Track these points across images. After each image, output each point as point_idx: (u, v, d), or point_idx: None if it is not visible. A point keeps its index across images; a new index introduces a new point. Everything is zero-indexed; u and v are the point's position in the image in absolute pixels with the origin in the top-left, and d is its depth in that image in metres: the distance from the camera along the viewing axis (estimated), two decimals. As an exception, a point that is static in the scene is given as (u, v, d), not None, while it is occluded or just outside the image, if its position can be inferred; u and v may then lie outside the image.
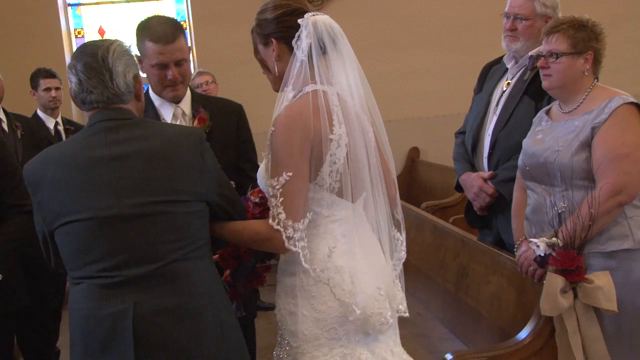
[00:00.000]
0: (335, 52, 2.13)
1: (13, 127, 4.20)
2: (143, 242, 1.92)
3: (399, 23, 7.12)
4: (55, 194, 1.96)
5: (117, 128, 1.98)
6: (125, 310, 1.90)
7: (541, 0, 3.18)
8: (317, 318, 2.07)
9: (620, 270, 2.50)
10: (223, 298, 2.07)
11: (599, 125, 2.54)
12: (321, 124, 2.04)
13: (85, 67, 1.98)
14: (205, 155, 2.03)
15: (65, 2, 7.20)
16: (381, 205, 2.17)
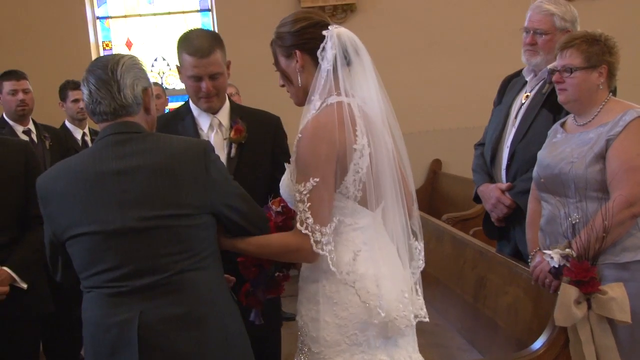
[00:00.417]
0: (359, 64, 2.18)
1: (42, 137, 4.32)
2: (147, 254, 1.98)
3: (421, 35, 7.15)
4: (64, 207, 2.03)
5: (124, 142, 2.04)
6: (132, 319, 1.97)
7: (560, 15, 3.21)
8: (339, 324, 2.12)
9: (634, 282, 2.52)
10: (229, 307, 2.11)
11: (613, 138, 2.57)
12: (345, 135, 2.09)
13: (96, 79, 2.05)
14: (210, 168, 2.05)
15: (94, 15, 7.36)
16: (400, 215, 2.21)
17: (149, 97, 2.13)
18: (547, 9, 3.22)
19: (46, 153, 4.26)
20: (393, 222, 2.21)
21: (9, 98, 4.32)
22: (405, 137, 6.99)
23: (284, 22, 2.24)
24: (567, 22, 3.21)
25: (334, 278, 2.11)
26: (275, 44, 2.25)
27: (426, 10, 7.13)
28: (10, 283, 2.91)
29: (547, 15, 3.22)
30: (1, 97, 4.36)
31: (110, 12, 7.44)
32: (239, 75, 6.56)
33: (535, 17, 3.25)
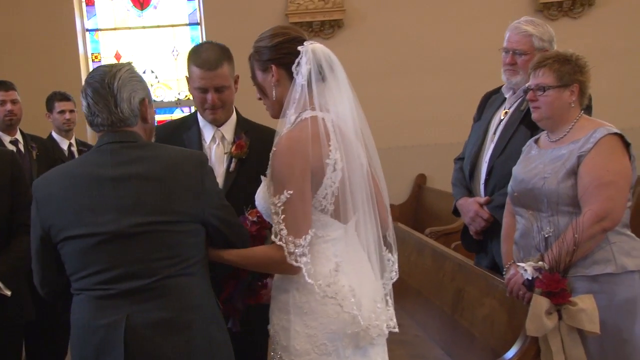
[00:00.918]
0: (333, 79, 2.23)
1: (29, 148, 4.35)
2: (137, 258, 2.03)
3: (407, 51, 7.25)
4: (59, 209, 2.08)
5: (122, 150, 2.10)
6: (118, 322, 2.01)
7: (538, 35, 3.29)
8: (309, 334, 2.16)
9: (604, 294, 2.59)
10: (214, 314, 2.15)
11: (584, 154, 2.66)
12: (319, 149, 2.15)
13: (93, 92, 2.11)
14: (204, 179, 2.12)
15: (84, 27, 7.43)
16: (372, 227, 2.26)
17: (146, 107, 2.18)
18: (526, 30, 3.31)
19: (33, 163, 4.30)
20: (365, 234, 2.26)
21: (-3, 108, 4.35)
22: (391, 152, 7.16)
23: (262, 36, 2.29)
24: (545, 42, 3.30)
25: (305, 288, 2.15)
26: (253, 57, 2.30)
27: (412, 27, 7.24)
28: (-6, 290, 2.94)
29: (526, 36, 3.30)
30: (-12, 108, 4.39)
31: (99, 25, 7.52)
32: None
33: (514, 37, 3.34)
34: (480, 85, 3.79)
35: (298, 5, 7.12)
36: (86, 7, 7.46)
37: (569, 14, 7.27)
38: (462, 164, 3.60)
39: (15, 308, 3.06)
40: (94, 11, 7.49)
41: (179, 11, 7.56)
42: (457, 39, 7.22)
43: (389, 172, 2.80)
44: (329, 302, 2.15)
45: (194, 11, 7.53)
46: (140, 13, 7.53)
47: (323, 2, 7.14)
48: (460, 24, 7.23)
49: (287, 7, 7.10)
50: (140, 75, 2.21)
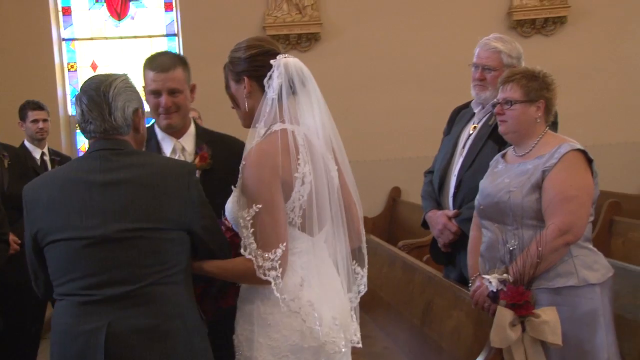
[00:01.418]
0: (304, 94, 2.25)
1: (1, 156, 4.32)
2: (123, 264, 2.04)
3: (383, 64, 7.32)
4: (47, 212, 2.10)
5: (112, 157, 2.12)
6: (100, 328, 2.01)
7: (507, 52, 3.36)
8: (271, 346, 2.17)
9: (566, 306, 2.64)
10: (196, 324, 2.15)
11: (549, 169, 2.72)
12: (288, 162, 2.16)
13: (88, 100, 2.13)
14: (191, 188, 2.14)
15: (60, 37, 7.41)
16: (340, 241, 2.28)
17: (139, 118, 2.21)
18: (495, 47, 3.37)
19: (4, 172, 4.26)
20: (334, 247, 2.29)
21: (-31, 117, 4.34)
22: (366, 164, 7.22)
23: (238, 47, 2.31)
24: (513, 58, 3.37)
25: (269, 300, 2.16)
26: (227, 67, 2.33)
27: (387, 42, 7.33)
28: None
29: (495, 52, 3.36)
30: (-39, 116, 4.37)
31: (76, 34, 7.50)
32: (203, 100, 6.63)
33: (483, 54, 3.40)
34: (455, 99, 3.84)
35: (275, 18, 7.17)
36: (63, 17, 7.44)
37: (541, 32, 7.41)
38: (432, 177, 3.65)
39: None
40: (71, 20, 7.47)
41: (157, 22, 7.57)
42: (431, 54, 7.31)
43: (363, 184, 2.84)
44: (293, 316, 2.17)
45: (171, 22, 7.54)
46: (117, 23, 7.53)
47: (300, 15, 7.21)
48: (434, 40, 7.33)
49: (264, 20, 7.15)
50: (135, 86, 2.23)
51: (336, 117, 6.33)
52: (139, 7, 7.57)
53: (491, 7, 7.40)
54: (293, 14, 7.21)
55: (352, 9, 7.33)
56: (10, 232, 3.54)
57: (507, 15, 7.39)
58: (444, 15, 7.37)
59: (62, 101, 7.38)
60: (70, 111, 7.49)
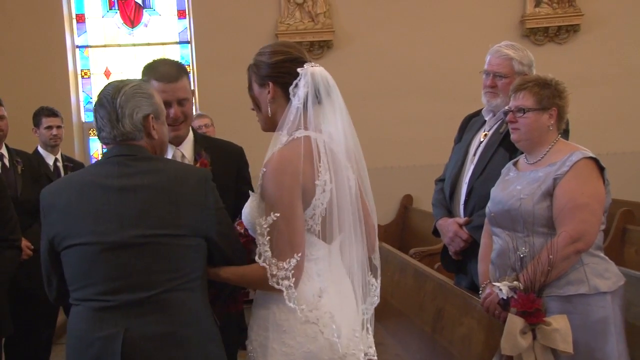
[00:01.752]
0: (329, 103, 2.24)
1: (14, 162, 4.36)
2: (139, 270, 2.04)
3: (396, 72, 7.34)
4: (64, 217, 2.11)
5: (128, 162, 2.13)
6: (116, 335, 2.01)
7: (518, 59, 3.36)
8: (286, 352, 2.16)
9: (577, 314, 2.63)
10: (211, 331, 2.15)
11: (560, 177, 2.71)
12: (311, 169, 2.16)
13: (100, 107, 2.16)
14: (208, 194, 2.15)
15: (74, 44, 7.47)
16: (358, 250, 2.28)
17: (150, 123, 2.19)
18: (506, 54, 3.37)
19: (17, 178, 4.30)
20: (350, 256, 2.27)
21: (-16, 124, 4.36)
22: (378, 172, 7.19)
23: (264, 50, 2.30)
24: (524, 66, 3.36)
25: (285, 306, 2.14)
26: (251, 69, 2.31)
27: (400, 50, 7.34)
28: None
29: (507, 59, 3.36)
30: (-25, 122, 4.40)
31: (90, 41, 7.56)
32: (215, 107, 6.71)
33: (495, 60, 3.40)
34: (467, 107, 3.84)
35: (288, 26, 7.20)
36: (77, 24, 7.51)
37: (554, 40, 7.40)
38: (443, 185, 3.65)
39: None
40: (85, 28, 7.54)
41: (170, 29, 7.62)
42: (444, 62, 7.31)
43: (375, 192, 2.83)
44: (310, 326, 2.15)
45: (184, 29, 7.59)
46: (130, 31, 7.59)
47: (313, 23, 7.24)
48: (447, 48, 7.33)
49: (277, 27, 7.18)
50: (149, 92, 2.23)
51: (352, 125, 6.11)
52: (152, 14, 7.63)
53: (504, 15, 7.39)
54: (306, 22, 7.24)
55: (365, 17, 7.35)
56: (23, 238, 3.56)
57: (520, 23, 7.39)
58: (457, 23, 7.38)
59: (76, 108, 7.44)
60: (83, 118, 7.55)
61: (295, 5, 7.24)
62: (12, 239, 3.12)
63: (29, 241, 3.99)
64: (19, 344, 4.03)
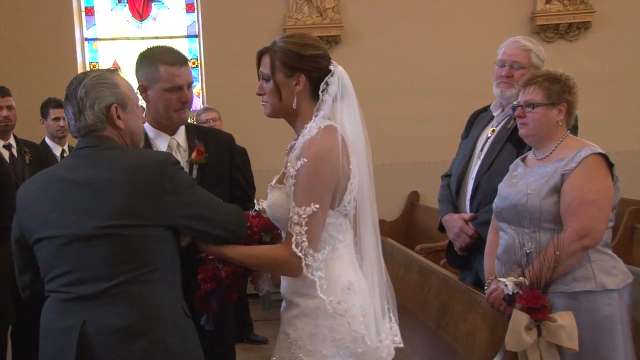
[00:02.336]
0: (347, 100, 2.29)
1: (22, 152, 4.38)
2: (97, 262, 2.04)
3: (403, 68, 7.31)
4: (31, 212, 2.14)
5: (89, 154, 2.13)
6: (74, 326, 2.02)
7: (536, 52, 3.34)
8: (335, 338, 2.19)
9: (583, 311, 2.62)
10: (175, 324, 2.11)
11: (568, 173, 2.69)
12: (347, 154, 2.22)
13: (66, 101, 2.18)
14: (164, 181, 2.08)
15: (83, 37, 7.48)
16: (374, 237, 2.34)
17: (113, 114, 2.16)
18: (525, 45, 3.35)
19: (25, 168, 4.32)
20: (367, 244, 2.32)
21: (-7, 114, 4.38)
22: (384, 169, 7.20)
23: (294, 40, 2.29)
24: (540, 60, 3.34)
25: (333, 296, 2.18)
26: (277, 55, 2.27)
27: (408, 46, 7.31)
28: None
29: (525, 50, 3.34)
30: (-16, 112, 4.42)
31: (98, 34, 7.56)
32: (222, 101, 6.71)
33: (513, 50, 3.36)
34: (474, 104, 3.83)
35: (296, 21, 7.18)
36: (85, 17, 7.51)
37: (565, 37, 7.35)
38: (449, 180, 3.63)
39: (0, 310, 3.08)
40: (94, 21, 7.54)
41: (178, 23, 7.61)
42: (453, 59, 7.28)
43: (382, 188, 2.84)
44: (338, 319, 2.18)
45: (192, 23, 7.58)
46: (139, 24, 7.59)
47: (321, 18, 7.22)
48: (455, 44, 7.30)
49: (285, 22, 7.17)
50: (113, 81, 2.19)
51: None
52: (160, 8, 7.63)
53: (513, 11, 7.35)
54: (314, 17, 7.22)
55: (373, 13, 7.33)
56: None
57: (530, 19, 7.34)
58: (466, 20, 7.35)
59: (84, 100, 7.43)
60: (91, 110, 7.54)
61: (303, 0, 7.22)
62: None
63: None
64: (25, 333, 4.04)
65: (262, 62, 2.32)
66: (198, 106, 7.00)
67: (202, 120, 5.39)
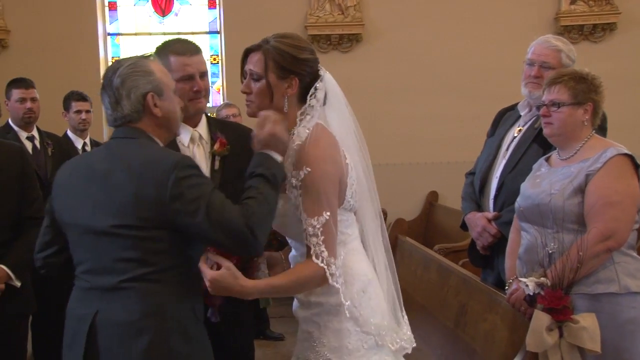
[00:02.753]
0: (334, 104, 2.27)
1: (45, 144, 4.42)
2: (108, 257, 2.03)
3: (424, 68, 7.28)
4: (63, 195, 2.17)
5: (115, 146, 2.13)
6: (88, 316, 2.02)
7: (566, 52, 3.29)
8: (359, 331, 2.19)
9: (605, 313, 2.58)
10: (181, 325, 2.06)
11: (593, 173, 2.66)
12: (343, 152, 2.21)
13: (103, 90, 2.16)
14: (171, 184, 1.99)
15: (105, 32, 7.53)
16: (377, 227, 2.34)
17: (149, 102, 2.13)
18: (556, 45, 3.31)
19: (48, 160, 4.36)
20: (373, 236, 2.32)
21: (17, 105, 4.43)
22: (404, 168, 7.16)
23: (289, 42, 2.22)
24: (571, 60, 3.30)
25: (353, 287, 2.20)
26: (271, 54, 2.20)
27: (430, 45, 7.28)
28: (4, 281, 3.00)
29: (556, 51, 3.30)
30: (9, 103, 4.47)
31: (121, 29, 7.61)
32: (242, 97, 6.68)
33: (543, 50, 3.32)
34: (495, 105, 3.79)
35: (317, 18, 7.18)
36: (109, 12, 7.57)
37: (589, 38, 7.28)
38: (473, 178, 3.60)
39: (23, 299, 3.13)
40: (116, 16, 7.60)
41: (200, 19, 7.65)
42: (474, 59, 7.25)
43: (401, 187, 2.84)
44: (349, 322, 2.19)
45: (214, 19, 7.61)
46: (161, 19, 7.63)
47: (342, 16, 7.21)
48: (478, 44, 7.26)
49: (306, 20, 7.17)
50: (148, 68, 2.15)
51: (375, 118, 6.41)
52: (183, 3, 7.66)
53: (538, 11, 7.29)
54: (335, 14, 7.21)
55: (395, 12, 7.30)
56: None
57: (555, 20, 7.28)
58: (488, 19, 7.30)
59: (106, 94, 7.49)
60: (113, 104, 7.60)
61: (325, -2, 7.22)
62: (39, 217, 3.14)
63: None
64: (44, 323, 4.08)
65: (251, 59, 2.24)
66: (219, 102, 7.02)
67: (222, 116, 5.41)
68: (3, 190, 3.05)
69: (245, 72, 2.27)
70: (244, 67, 2.27)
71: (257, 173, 2.10)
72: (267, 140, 2.15)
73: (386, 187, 6.83)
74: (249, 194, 2.06)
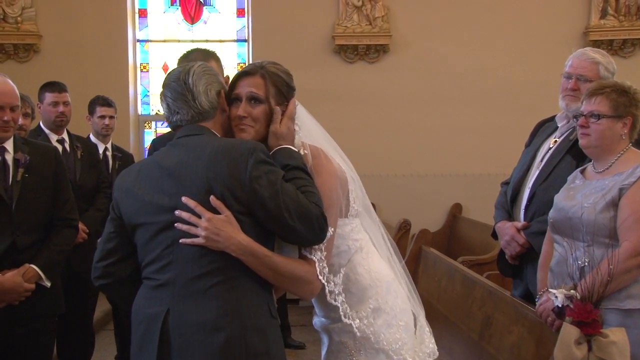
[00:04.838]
0: (304, 124, 2.32)
1: (74, 147, 4.46)
2: (183, 255, 2.04)
3: (451, 80, 7.29)
4: (128, 201, 2.16)
5: (183, 142, 2.14)
6: (159, 314, 2.03)
7: (605, 65, 3.26)
8: (399, 325, 2.26)
9: (636, 329, 2.54)
10: (258, 323, 2.05)
11: (627, 187, 2.63)
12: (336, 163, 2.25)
13: (171, 92, 2.18)
14: (253, 165, 2.01)
15: (135, 38, 7.63)
16: (376, 226, 2.40)
17: (223, 99, 2.23)
18: (593, 57, 3.28)
19: (77, 162, 4.40)
20: (375, 235, 2.37)
21: (50, 109, 4.45)
22: (428, 180, 7.17)
23: (281, 68, 2.29)
24: (609, 72, 3.26)
25: (382, 288, 2.24)
26: (271, 79, 2.24)
27: (457, 57, 7.29)
28: (35, 281, 3.03)
29: (593, 64, 3.27)
30: (42, 106, 4.50)
31: (150, 36, 7.71)
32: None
33: (580, 63, 3.29)
34: (521, 119, 3.78)
35: (345, 28, 7.21)
36: (139, 19, 7.67)
37: (619, 53, 7.23)
38: (507, 188, 3.59)
39: (53, 299, 3.16)
40: (146, 22, 7.70)
41: (228, 27, 7.72)
42: (501, 72, 7.24)
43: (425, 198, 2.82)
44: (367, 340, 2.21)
45: (242, 28, 7.68)
46: (190, 27, 7.72)
47: (370, 27, 7.23)
48: (505, 57, 7.25)
49: (334, 30, 7.20)
50: (213, 70, 2.25)
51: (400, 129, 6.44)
52: (212, 12, 7.75)
53: (567, 25, 7.27)
54: (363, 25, 7.24)
55: (423, 23, 7.32)
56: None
57: (584, 34, 7.25)
58: (517, 32, 7.29)
59: (133, 100, 7.59)
60: (140, 110, 7.69)
61: (353, 8, 7.24)
62: (70, 219, 3.21)
63: (84, 225, 4.08)
64: (68, 326, 4.11)
65: (248, 82, 2.23)
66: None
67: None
68: (38, 190, 3.09)
69: (239, 96, 2.23)
70: (235, 91, 2.25)
71: (293, 165, 2.12)
72: (286, 134, 2.20)
73: (410, 198, 6.92)
74: (302, 184, 2.08)
